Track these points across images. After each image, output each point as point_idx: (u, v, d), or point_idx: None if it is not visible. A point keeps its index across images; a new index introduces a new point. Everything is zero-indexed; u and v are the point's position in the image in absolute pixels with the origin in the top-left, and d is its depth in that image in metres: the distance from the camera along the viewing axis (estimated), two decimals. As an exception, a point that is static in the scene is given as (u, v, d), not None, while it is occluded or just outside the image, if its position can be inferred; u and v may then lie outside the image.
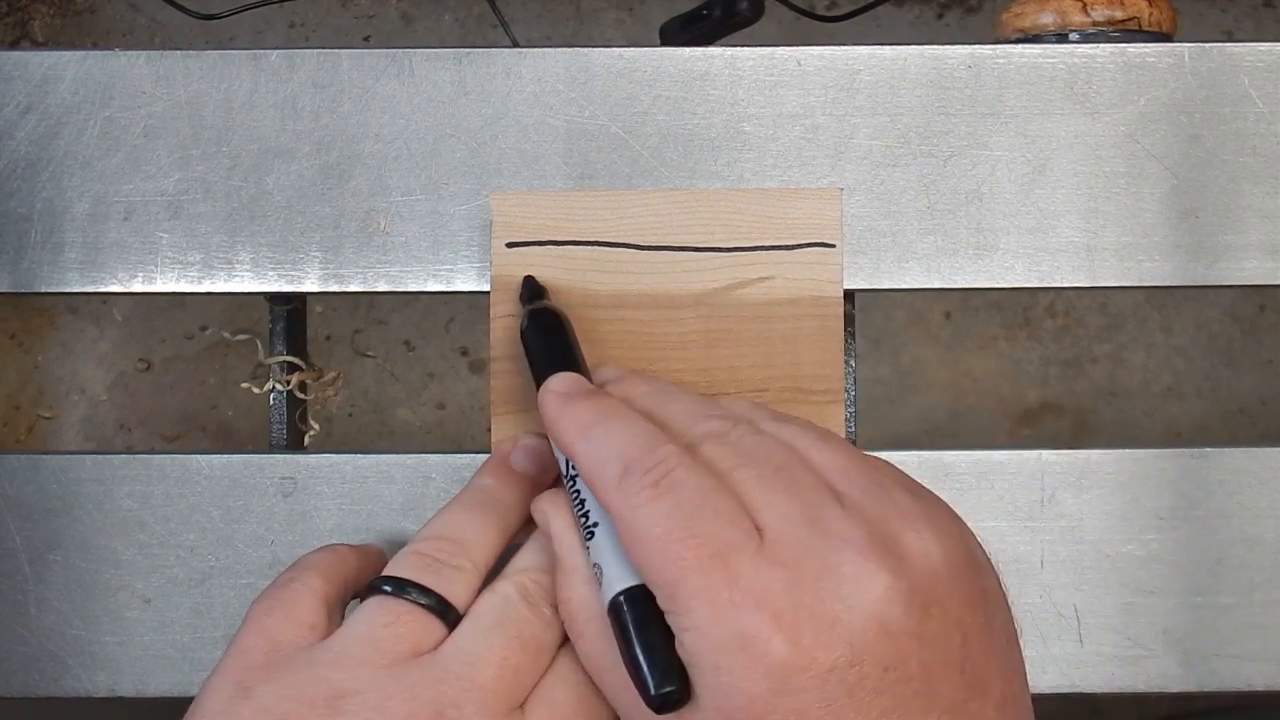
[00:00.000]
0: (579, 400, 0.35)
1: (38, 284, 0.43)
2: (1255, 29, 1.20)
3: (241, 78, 0.43)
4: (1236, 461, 0.43)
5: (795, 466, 0.33)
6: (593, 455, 0.34)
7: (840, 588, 0.30)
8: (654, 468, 0.32)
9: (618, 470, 0.32)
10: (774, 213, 0.42)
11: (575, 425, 0.35)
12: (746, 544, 0.31)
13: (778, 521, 0.31)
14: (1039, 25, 0.45)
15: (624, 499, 0.32)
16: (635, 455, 0.33)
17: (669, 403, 0.36)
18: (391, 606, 0.34)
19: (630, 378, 0.38)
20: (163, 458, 0.44)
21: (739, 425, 0.34)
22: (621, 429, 0.34)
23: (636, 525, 0.31)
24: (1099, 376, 1.17)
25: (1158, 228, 0.43)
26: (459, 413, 1.17)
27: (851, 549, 0.30)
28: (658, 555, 0.31)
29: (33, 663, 0.43)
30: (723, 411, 0.35)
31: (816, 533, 0.31)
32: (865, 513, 0.32)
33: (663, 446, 0.33)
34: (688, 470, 0.32)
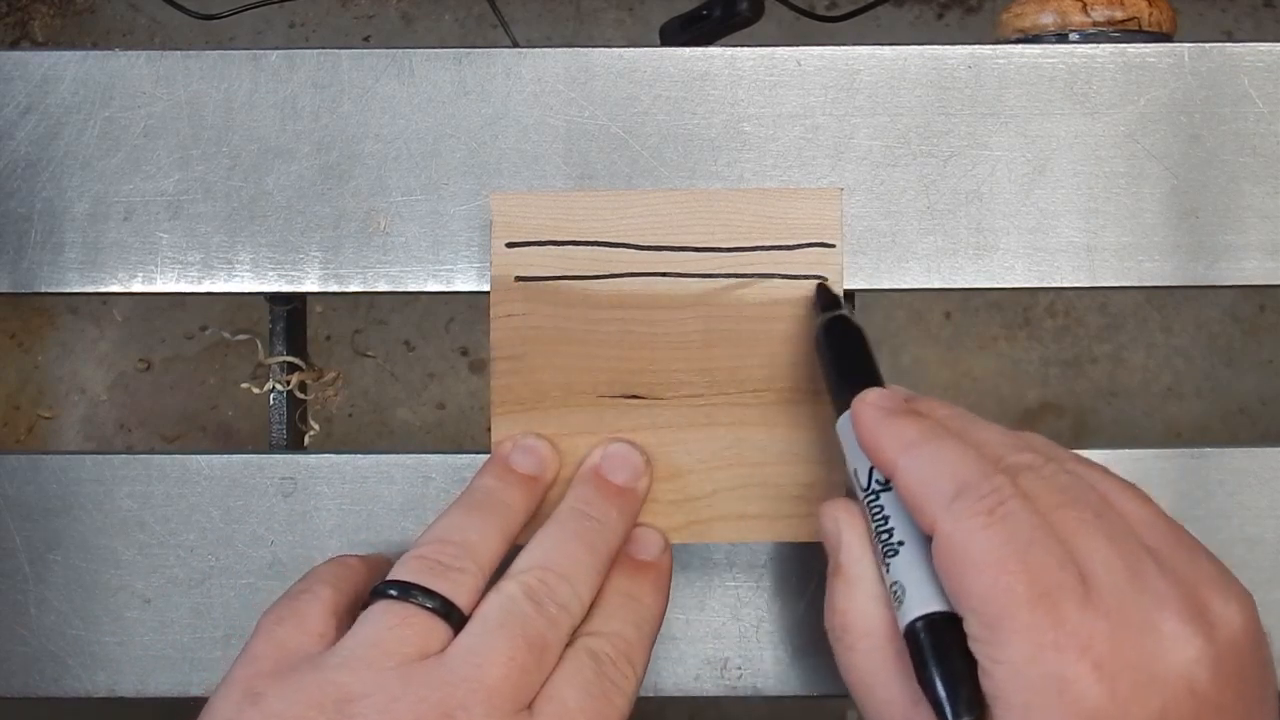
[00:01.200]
0: (901, 417, 0.35)
1: (38, 284, 0.43)
2: (1255, 29, 1.20)
3: (241, 78, 0.43)
4: (1236, 461, 0.43)
5: (1111, 513, 0.33)
6: (920, 473, 0.33)
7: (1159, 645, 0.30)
8: (989, 495, 0.32)
9: (950, 491, 0.32)
10: (774, 213, 0.42)
11: (899, 441, 0.34)
12: (1075, 588, 0.31)
13: (1101, 570, 0.31)
14: (1039, 25, 0.45)
15: (956, 521, 0.32)
16: (969, 479, 0.32)
17: (977, 429, 0.35)
18: (397, 610, 0.34)
19: (929, 399, 0.37)
20: (163, 458, 0.44)
21: (1051, 461, 0.34)
22: (951, 450, 0.33)
23: (968, 548, 0.31)
24: (1099, 376, 1.17)
25: (1158, 228, 0.43)
26: (459, 413, 1.17)
27: (1169, 609, 0.31)
28: (988, 582, 0.31)
29: (33, 663, 0.43)
30: (1029, 444, 0.35)
31: (1138, 587, 0.31)
32: (1178, 573, 0.32)
33: (997, 475, 0.33)
34: (1021, 503, 0.32)
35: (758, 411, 0.41)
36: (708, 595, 0.43)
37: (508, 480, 0.38)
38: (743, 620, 0.43)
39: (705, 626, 0.43)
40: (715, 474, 0.41)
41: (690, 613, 0.43)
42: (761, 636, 0.43)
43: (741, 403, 0.41)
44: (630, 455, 0.40)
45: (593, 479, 0.39)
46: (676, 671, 0.43)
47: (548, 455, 0.39)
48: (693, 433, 0.41)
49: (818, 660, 0.43)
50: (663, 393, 0.41)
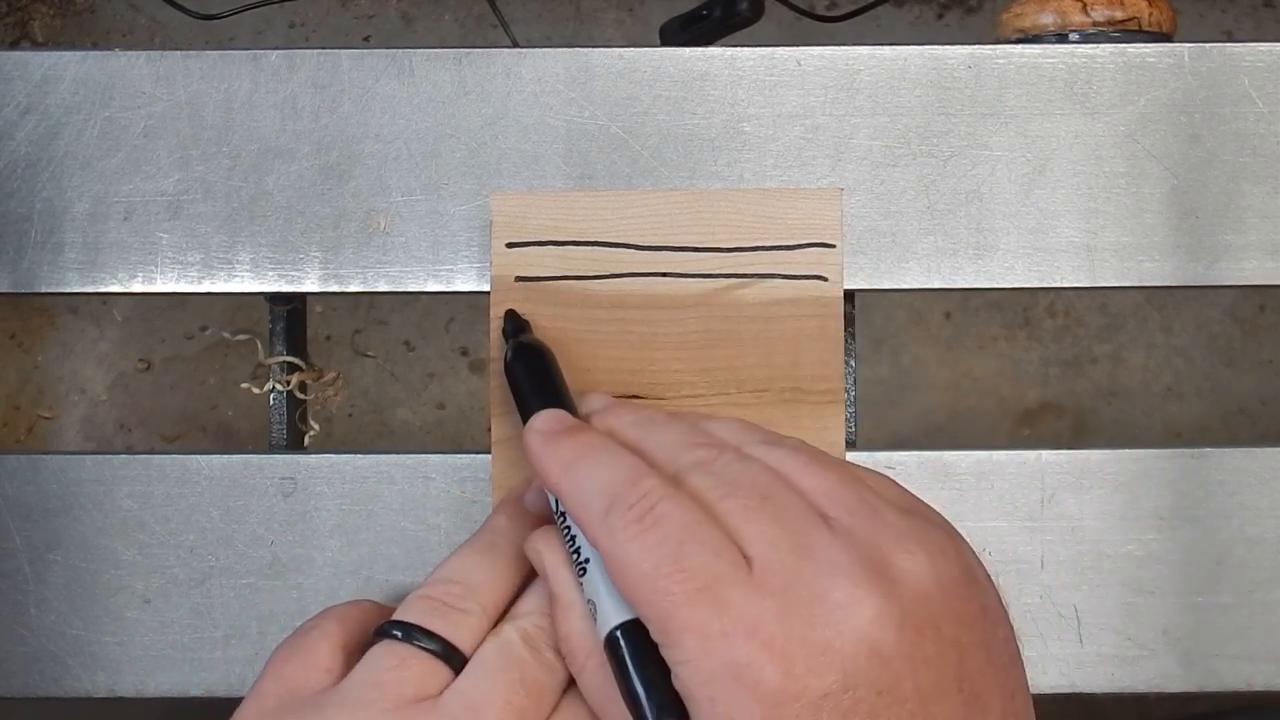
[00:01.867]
0: (562, 437, 0.35)
1: (38, 284, 0.43)
2: (1255, 29, 1.20)
3: (241, 78, 0.43)
4: (1236, 461, 0.43)
5: (782, 493, 0.33)
6: (576, 492, 0.34)
7: (831, 614, 0.30)
8: (638, 502, 0.32)
9: (602, 507, 0.32)
10: (774, 213, 0.42)
11: (559, 463, 0.35)
12: (735, 574, 0.30)
13: (765, 550, 0.31)
14: (1039, 25, 0.45)
15: (609, 535, 0.32)
16: (618, 490, 0.33)
17: (654, 433, 0.36)
18: (398, 651, 0.34)
19: (615, 408, 0.38)
20: (163, 458, 0.44)
21: (724, 453, 0.34)
22: (604, 464, 0.34)
23: (624, 561, 0.31)
24: (1099, 376, 1.17)
25: (1158, 228, 0.43)
26: (459, 413, 1.17)
27: (841, 574, 0.30)
28: (647, 590, 0.31)
29: (33, 663, 0.43)
30: (708, 439, 0.35)
31: (805, 559, 0.31)
32: (854, 536, 0.31)
33: (645, 480, 0.33)
34: (672, 503, 0.32)
35: (758, 411, 0.41)
36: (708, 595, 0.43)
37: (519, 519, 0.38)
38: (743, 620, 0.43)
39: (705, 626, 0.43)
40: (715, 474, 0.41)
41: (690, 613, 0.43)
42: (761, 636, 0.43)
43: (741, 403, 0.41)
44: None
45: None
46: (676, 671, 0.43)
47: None
48: (693, 433, 0.41)
49: (818, 660, 0.43)
50: (663, 393, 0.41)
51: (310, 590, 0.43)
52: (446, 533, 0.43)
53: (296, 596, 0.43)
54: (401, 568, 0.43)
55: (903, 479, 0.43)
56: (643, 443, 0.35)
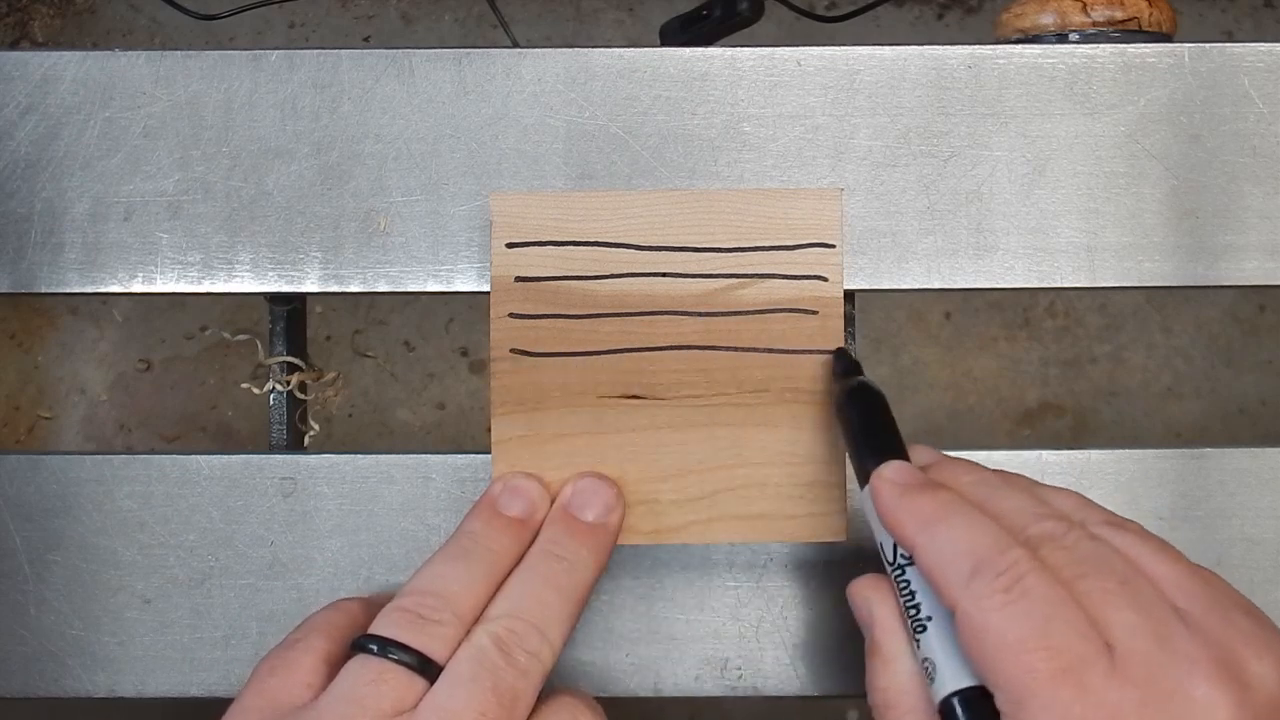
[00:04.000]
0: (918, 492, 0.35)
1: (38, 284, 0.43)
2: (1255, 29, 1.20)
3: (241, 78, 0.43)
4: (1236, 461, 0.44)
5: (1138, 579, 0.33)
6: (938, 551, 0.33)
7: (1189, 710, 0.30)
8: (1006, 571, 0.32)
9: (967, 569, 0.32)
10: (774, 213, 0.42)
11: (917, 519, 0.34)
12: (1099, 660, 0.30)
13: (1127, 638, 0.31)
14: (1039, 25, 0.45)
15: (974, 600, 0.32)
16: (985, 556, 0.32)
17: (999, 497, 0.35)
18: (374, 666, 0.34)
19: (952, 465, 0.38)
20: (163, 458, 0.44)
21: (1074, 529, 0.34)
22: (967, 527, 0.33)
23: (987, 628, 0.31)
24: (1099, 376, 1.17)
25: (1158, 228, 0.43)
26: (459, 413, 1.17)
27: (1200, 672, 0.30)
28: (1009, 662, 0.31)
29: (33, 663, 0.43)
30: (1053, 510, 0.35)
31: (1166, 652, 0.31)
32: (1210, 634, 0.31)
33: (1013, 550, 0.32)
34: (1039, 577, 0.32)
35: (758, 411, 0.41)
36: (708, 595, 0.43)
37: (494, 525, 0.38)
38: (743, 620, 0.43)
39: (705, 626, 0.43)
40: (715, 474, 0.41)
41: (690, 613, 0.43)
42: (761, 636, 0.43)
43: (741, 403, 0.41)
44: (599, 490, 0.40)
45: (561, 518, 0.39)
46: (676, 671, 0.43)
47: (537, 497, 0.39)
48: (693, 433, 0.41)
49: (817, 660, 0.43)
50: (663, 393, 0.41)
51: (310, 590, 0.43)
52: (446, 533, 0.43)
53: (296, 597, 0.43)
54: (401, 568, 0.43)
55: (903, 479, 0.43)
56: (987, 505, 0.35)
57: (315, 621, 0.38)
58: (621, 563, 0.43)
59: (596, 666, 0.43)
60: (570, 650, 0.43)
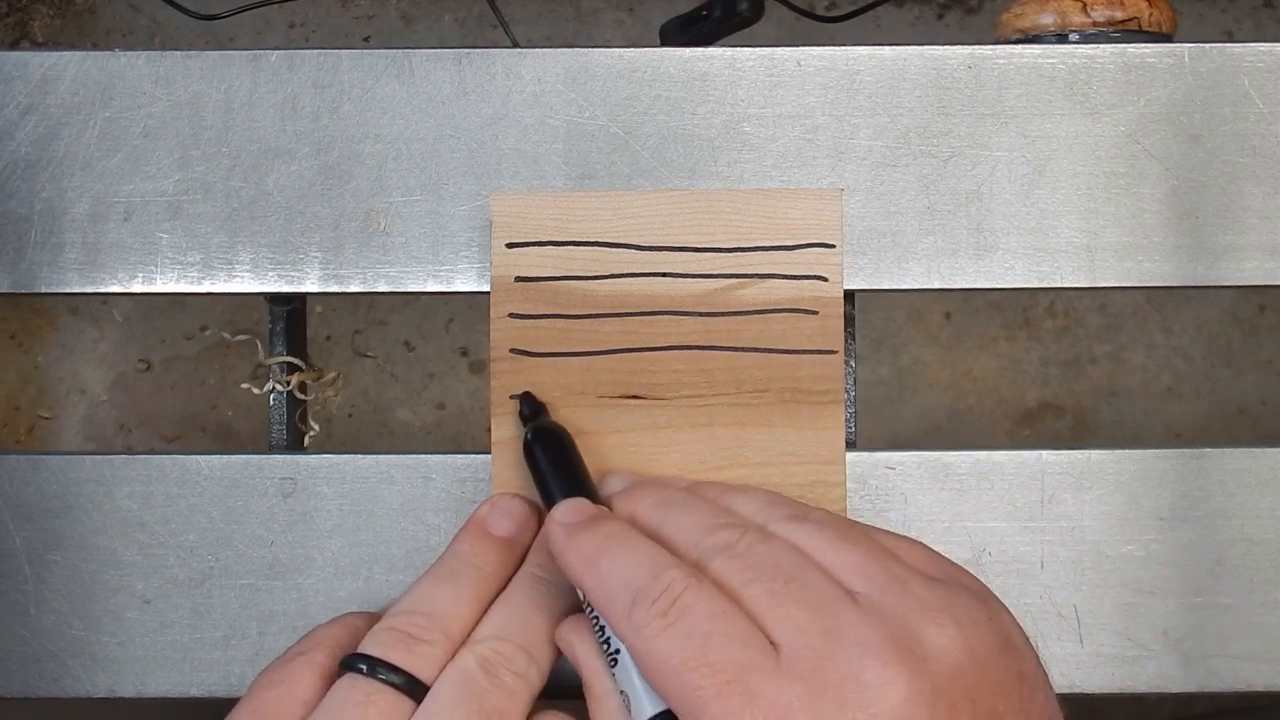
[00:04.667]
0: (582, 530, 0.35)
1: (38, 284, 0.43)
2: (1255, 29, 1.20)
3: (241, 78, 0.43)
4: (1236, 462, 0.43)
5: (807, 573, 0.33)
6: (600, 587, 0.34)
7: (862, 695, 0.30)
8: (660, 595, 0.32)
9: (626, 601, 0.33)
10: (774, 213, 0.42)
11: (581, 558, 0.35)
12: (762, 663, 0.31)
13: (792, 635, 0.31)
14: (1039, 25, 0.45)
15: (635, 631, 0.32)
16: (641, 584, 0.33)
17: (676, 515, 0.36)
18: (362, 686, 0.34)
19: (636, 490, 0.38)
20: (163, 458, 0.44)
21: (747, 534, 0.34)
22: (626, 556, 0.34)
23: (651, 656, 0.32)
24: (1099, 376, 1.17)
25: (1158, 228, 0.43)
26: (459, 413, 1.17)
27: (870, 654, 0.30)
28: (676, 685, 0.31)
29: (33, 663, 0.43)
30: (730, 518, 0.35)
31: (832, 641, 0.31)
32: (883, 613, 0.31)
33: (667, 572, 0.33)
34: (695, 594, 0.32)
35: (758, 411, 0.41)
36: (708, 595, 0.43)
37: (482, 545, 0.38)
38: (743, 620, 0.43)
39: (705, 627, 0.43)
40: (715, 474, 0.41)
41: (690, 613, 0.43)
42: (761, 637, 0.43)
43: (741, 403, 0.41)
44: None
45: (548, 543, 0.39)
46: (676, 672, 0.43)
47: (525, 516, 0.39)
48: (693, 433, 0.41)
49: (818, 660, 0.43)
50: (663, 393, 0.41)
51: (310, 590, 0.43)
52: (446, 533, 0.43)
53: (296, 597, 0.43)
54: (401, 568, 0.43)
55: (903, 479, 0.43)
56: (664, 527, 0.35)
57: (318, 636, 0.38)
58: (621, 563, 0.43)
59: (596, 666, 0.43)
60: (570, 650, 0.43)
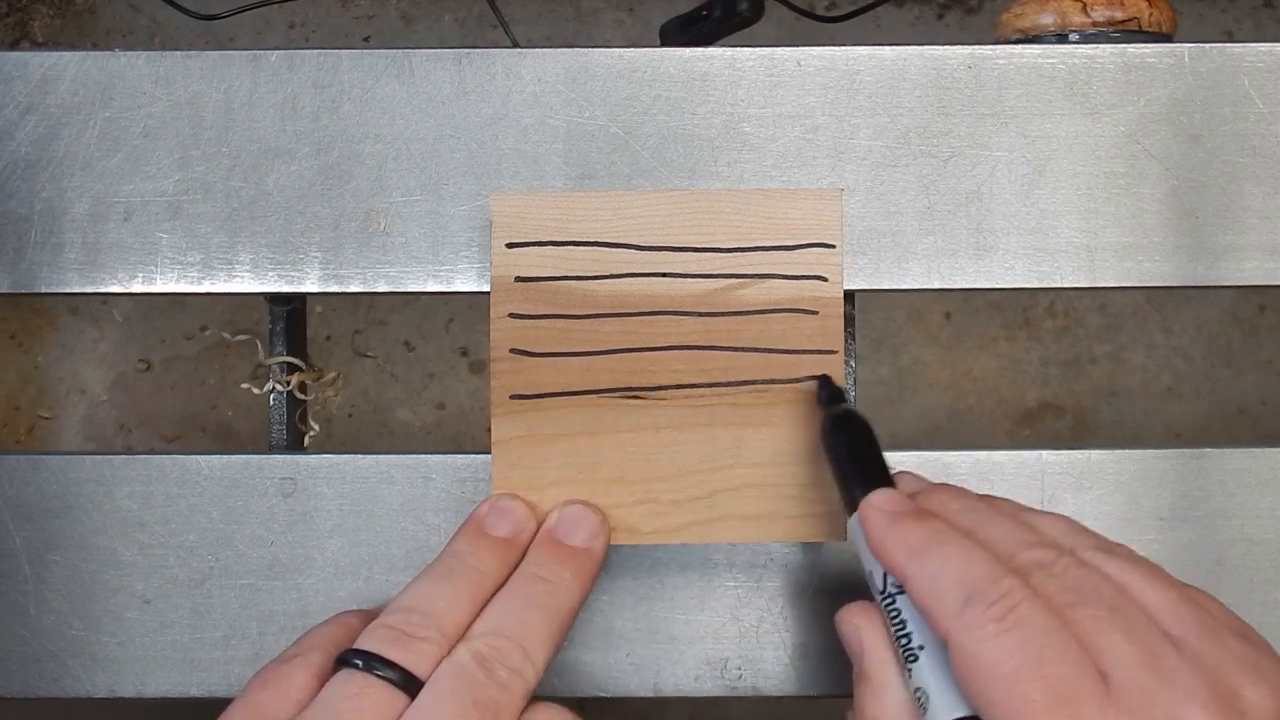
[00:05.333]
0: (908, 521, 0.35)
1: (38, 284, 0.43)
2: (1255, 29, 1.20)
3: (241, 78, 0.43)
4: (1236, 462, 0.44)
5: (1129, 606, 0.33)
6: (930, 580, 0.33)
7: None
8: (999, 600, 0.32)
9: (959, 598, 0.32)
10: (774, 213, 0.42)
11: (907, 547, 0.34)
12: (1094, 689, 0.30)
13: (1121, 667, 0.31)
14: (1039, 25, 0.45)
15: (967, 629, 0.32)
16: (978, 585, 0.32)
17: (988, 524, 0.35)
18: (357, 680, 0.35)
19: (940, 492, 0.38)
20: (163, 458, 0.44)
21: (1064, 556, 0.34)
22: (959, 555, 0.33)
23: (981, 658, 0.31)
24: (1099, 376, 1.17)
25: (1158, 228, 0.43)
26: (459, 413, 1.17)
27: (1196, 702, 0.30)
28: (1004, 692, 0.31)
29: (33, 663, 0.43)
30: (1042, 537, 0.35)
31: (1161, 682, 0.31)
32: (1203, 661, 0.31)
33: (1006, 578, 0.32)
34: (1032, 606, 0.32)
35: (758, 411, 0.41)
36: (708, 595, 0.43)
37: (480, 545, 0.38)
38: (743, 620, 0.43)
39: (705, 626, 0.43)
40: (715, 474, 0.41)
41: (690, 613, 0.43)
42: (761, 636, 0.43)
43: (741, 403, 0.41)
44: (584, 517, 0.40)
45: (546, 542, 0.39)
46: (676, 672, 0.43)
47: (523, 517, 0.39)
48: (693, 433, 0.41)
49: (817, 660, 0.43)
50: (663, 393, 0.41)
51: (310, 590, 0.43)
52: (446, 533, 0.43)
53: (296, 597, 0.43)
54: (401, 568, 0.43)
55: (903, 479, 0.43)
56: (976, 533, 0.35)
57: (314, 637, 0.38)
58: (621, 563, 0.43)
59: (596, 666, 0.43)
60: (570, 650, 0.43)
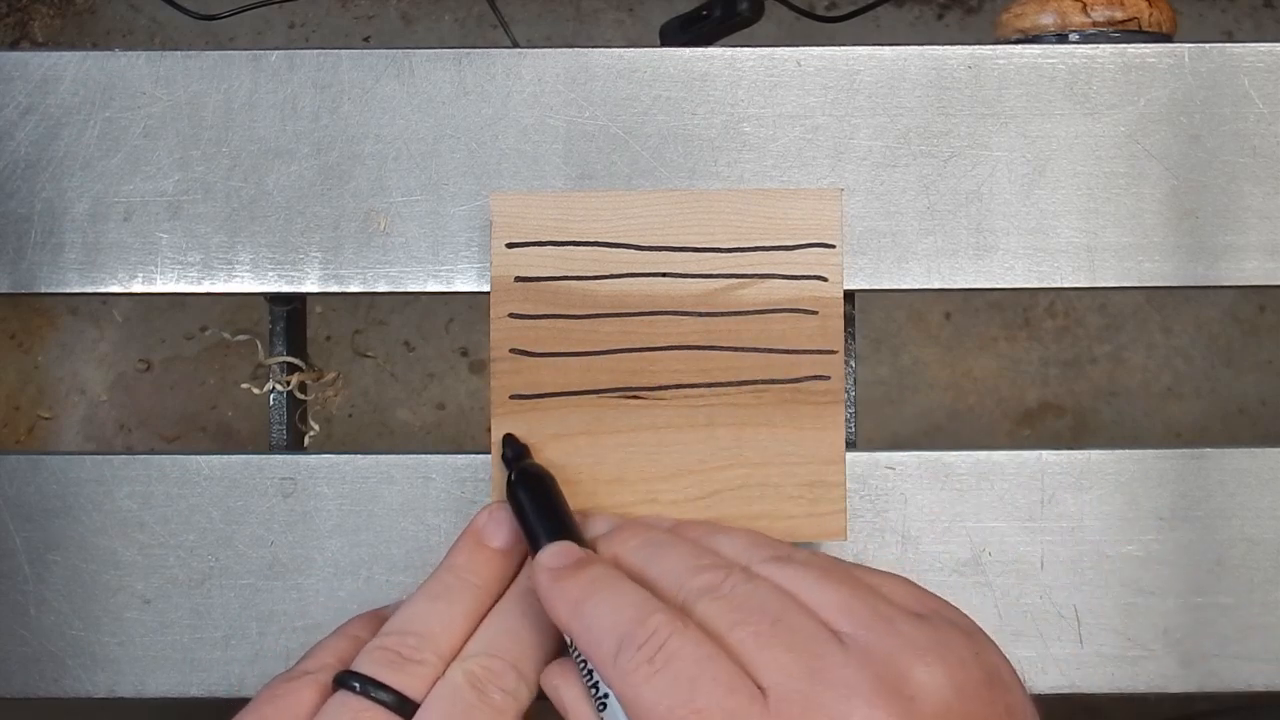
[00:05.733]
0: (567, 574, 0.35)
1: (38, 284, 0.43)
2: (1255, 29, 1.20)
3: (241, 78, 0.43)
4: (1236, 462, 0.43)
5: (793, 614, 0.33)
6: (586, 632, 0.34)
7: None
8: (647, 641, 0.32)
9: (612, 647, 0.33)
10: (774, 213, 0.42)
11: (567, 603, 0.35)
12: (750, 708, 0.31)
13: (779, 679, 0.31)
14: (1039, 26, 0.45)
15: (621, 677, 0.32)
16: (627, 629, 0.33)
17: (660, 557, 0.36)
18: (353, 704, 0.35)
19: (621, 531, 0.38)
20: (163, 458, 0.44)
21: (732, 575, 0.34)
22: (611, 601, 0.34)
23: (640, 702, 0.32)
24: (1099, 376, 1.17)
25: (1158, 228, 0.43)
26: (459, 413, 1.17)
27: (858, 697, 0.30)
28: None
29: (33, 663, 0.43)
30: (714, 559, 0.35)
31: (820, 684, 0.31)
32: (870, 653, 0.31)
33: (653, 616, 0.33)
34: (681, 639, 0.32)
35: (758, 411, 0.41)
36: (708, 595, 0.43)
37: (478, 558, 0.38)
38: (743, 620, 0.43)
39: (705, 627, 0.43)
40: (715, 474, 0.41)
41: (690, 613, 0.43)
42: (761, 637, 0.43)
43: (741, 403, 0.41)
44: None
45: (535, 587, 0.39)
46: (676, 672, 0.43)
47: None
48: (693, 433, 0.41)
49: (818, 660, 0.43)
50: (663, 393, 0.41)
51: (310, 591, 0.43)
52: (446, 533, 0.43)
53: (296, 597, 0.43)
54: (401, 568, 0.43)
55: (903, 479, 0.43)
56: (648, 569, 0.35)
57: (324, 653, 0.38)
58: (621, 563, 0.43)
59: (596, 666, 0.43)
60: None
